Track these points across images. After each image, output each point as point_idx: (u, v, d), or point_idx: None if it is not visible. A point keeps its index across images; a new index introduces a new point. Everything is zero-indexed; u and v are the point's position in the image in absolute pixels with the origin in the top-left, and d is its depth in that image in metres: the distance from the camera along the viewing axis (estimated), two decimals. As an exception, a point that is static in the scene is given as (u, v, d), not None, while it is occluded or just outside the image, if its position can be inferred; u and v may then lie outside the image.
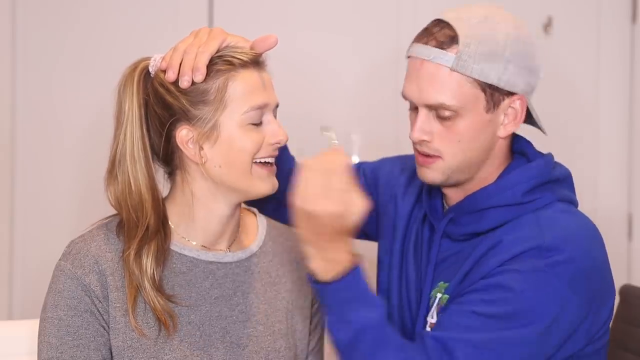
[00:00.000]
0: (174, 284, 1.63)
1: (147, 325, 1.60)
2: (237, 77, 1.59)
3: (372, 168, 2.00)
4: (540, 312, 1.57)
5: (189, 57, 1.58)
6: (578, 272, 1.59)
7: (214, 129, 1.59)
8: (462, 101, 1.64)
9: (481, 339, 1.56)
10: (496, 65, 1.63)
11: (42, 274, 1.75)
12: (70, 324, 1.58)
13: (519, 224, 1.65)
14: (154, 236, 1.60)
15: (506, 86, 1.65)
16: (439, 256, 1.75)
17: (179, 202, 1.66)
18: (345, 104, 2.80)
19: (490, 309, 1.57)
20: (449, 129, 1.66)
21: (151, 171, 1.62)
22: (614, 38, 2.90)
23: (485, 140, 1.68)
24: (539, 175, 1.69)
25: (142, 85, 1.62)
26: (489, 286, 1.59)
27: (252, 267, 1.71)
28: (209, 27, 1.66)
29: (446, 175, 1.69)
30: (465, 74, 1.63)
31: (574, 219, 1.69)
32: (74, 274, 1.59)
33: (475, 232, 1.70)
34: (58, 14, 2.84)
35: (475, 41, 1.63)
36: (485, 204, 1.69)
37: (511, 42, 1.64)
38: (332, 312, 1.57)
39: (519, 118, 1.69)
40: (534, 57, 1.68)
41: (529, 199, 1.68)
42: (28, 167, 2.85)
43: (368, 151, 2.69)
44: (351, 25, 2.82)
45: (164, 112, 1.61)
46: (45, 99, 2.85)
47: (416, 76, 1.67)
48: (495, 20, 1.65)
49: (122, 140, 1.61)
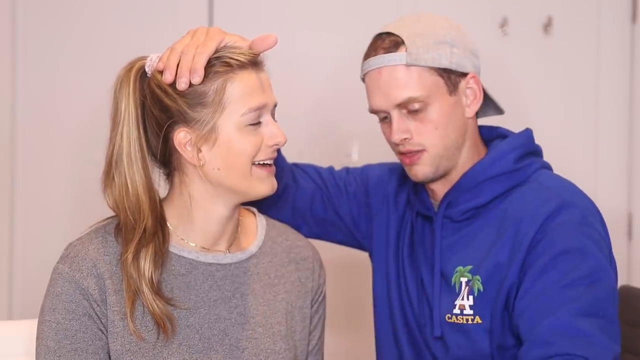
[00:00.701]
0: (172, 286, 1.63)
1: (145, 329, 1.59)
2: (235, 79, 1.58)
3: (360, 172, 2.06)
4: (599, 260, 1.67)
5: (187, 59, 1.57)
6: (600, 217, 1.75)
7: (212, 132, 1.58)
8: (426, 90, 1.76)
9: (585, 300, 1.63)
10: (443, 51, 1.76)
11: (42, 274, 1.75)
12: (68, 327, 1.58)
13: (526, 193, 1.77)
14: (151, 238, 1.59)
15: (458, 67, 1.78)
16: (443, 242, 1.80)
17: (177, 204, 1.66)
18: (345, 105, 2.79)
19: (568, 277, 1.64)
20: (423, 121, 1.77)
21: (148, 172, 1.61)
22: (614, 38, 2.89)
23: (458, 122, 1.80)
24: (526, 143, 1.83)
25: (138, 85, 1.61)
26: (550, 261, 1.66)
27: (251, 269, 1.70)
28: (208, 26, 1.67)
29: (434, 166, 1.79)
30: (420, 64, 1.76)
31: (564, 178, 1.82)
32: (72, 277, 1.58)
33: (476, 207, 1.79)
34: (58, 14, 2.84)
35: (418, 37, 1.77)
36: (481, 177, 1.79)
37: (448, 30, 1.78)
38: None
39: (479, 96, 1.81)
40: (469, 39, 1.82)
41: (520, 165, 1.80)
42: (28, 167, 2.85)
43: (368, 152, 2.70)
44: (351, 25, 2.82)
45: (161, 114, 1.60)
46: (46, 99, 2.84)
47: (377, 85, 1.79)
48: (426, 18, 1.81)
49: (119, 141, 1.59)
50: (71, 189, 2.84)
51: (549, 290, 1.65)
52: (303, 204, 2.00)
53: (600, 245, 1.69)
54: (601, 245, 1.70)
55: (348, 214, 2.01)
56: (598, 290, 1.64)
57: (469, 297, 1.75)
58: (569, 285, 1.64)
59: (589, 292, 1.63)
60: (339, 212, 2.01)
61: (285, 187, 1.95)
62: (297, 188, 1.99)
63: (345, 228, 2.02)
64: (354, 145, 2.79)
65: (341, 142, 2.81)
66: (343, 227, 2.02)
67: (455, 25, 1.81)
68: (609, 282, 1.67)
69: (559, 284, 1.64)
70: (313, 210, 2.00)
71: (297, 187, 2.00)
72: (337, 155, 2.75)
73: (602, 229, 1.73)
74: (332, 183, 2.02)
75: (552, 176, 1.81)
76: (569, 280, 1.64)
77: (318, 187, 2.01)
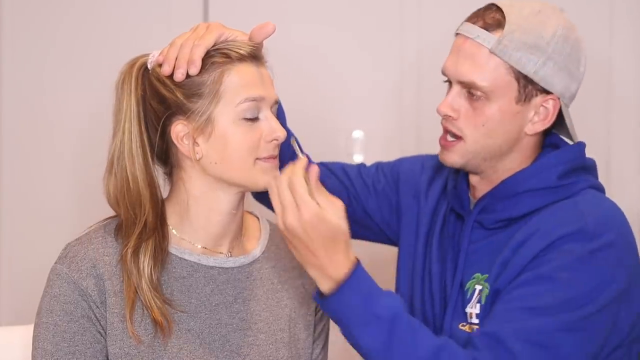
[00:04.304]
0: (173, 289, 1.62)
1: (145, 332, 1.58)
2: (232, 70, 1.59)
3: (391, 167, 2.03)
4: (588, 297, 1.60)
5: (185, 51, 1.59)
6: (620, 257, 1.65)
7: (208, 123, 1.58)
8: (494, 85, 1.69)
9: (534, 327, 1.58)
10: (535, 58, 1.67)
11: (30, 279, 1.72)
12: (66, 329, 1.56)
13: (557, 209, 1.70)
14: (151, 234, 1.59)
15: (541, 82, 1.69)
16: (470, 247, 1.77)
17: (177, 202, 1.65)
18: (348, 101, 2.78)
19: (539, 301, 1.60)
20: (476, 111, 1.71)
21: (149, 168, 1.62)
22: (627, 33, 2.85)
23: (511, 132, 1.72)
24: (574, 159, 1.74)
25: (140, 81, 1.62)
26: (535, 278, 1.62)
27: (254, 273, 1.69)
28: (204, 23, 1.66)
29: (465, 159, 1.74)
30: (503, 58, 1.68)
31: (610, 204, 1.73)
32: (71, 277, 1.57)
33: (511, 218, 1.74)
34: (46, 10, 2.80)
35: (521, 29, 1.68)
36: (520, 187, 1.73)
37: (557, 40, 1.68)
38: (352, 320, 1.58)
39: (549, 119, 1.73)
40: (578, 62, 1.72)
41: (564, 182, 1.72)
42: (15, 168, 2.82)
43: (371, 150, 2.70)
44: (352, 20, 2.80)
45: (159, 106, 1.60)
46: (33, 99, 2.81)
47: (456, 52, 1.73)
48: (547, 15, 1.70)
49: (120, 137, 1.60)
50: (60, 191, 2.81)
51: (509, 304, 1.62)
52: None
53: (620, 288, 1.63)
54: (621, 288, 1.63)
55: (377, 213, 2.00)
56: (559, 323, 1.58)
57: (476, 305, 1.73)
58: (528, 308, 1.60)
59: (542, 320, 1.59)
60: (368, 212, 2.00)
61: None
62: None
63: (376, 227, 2.01)
64: (357, 144, 2.76)
65: (344, 138, 2.78)
66: (373, 226, 2.01)
67: (574, 37, 1.71)
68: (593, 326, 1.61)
69: (518, 304, 1.61)
70: None
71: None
72: (339, 153, 2.72)
73: (636, 270, 1.67)
74: (359, 182, 2.01)
75: (593, 198, 1.72)
76: (532, 304, 1.60)
77: (345, 188, 2.00)
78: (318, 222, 1.51)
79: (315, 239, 1.52)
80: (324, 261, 1.54)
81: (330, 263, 1.54)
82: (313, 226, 1.51)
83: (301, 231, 1.52)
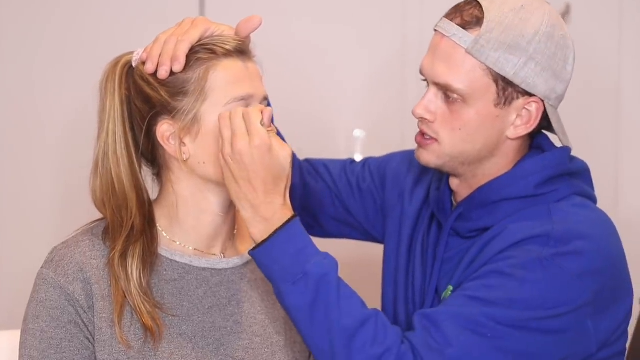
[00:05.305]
0: (164, 292, 1.60)
1: (134, 337, 1.56)
2: (218, 66, 1.57)
3: (379, 164, 1.98)
4: (540, 302, 1.55)
5: (168, 47, 1.57)
6: (586, 267, 1.57)
7: (194, 122, 1.57)
8: (470, 87, 1.61)
9: (474, 314, 1.54)
10: (515, 59, 1.59)
11: (17, 283, 1.70)
12: (53, 336, 1.55)
13: (529, 214, 1.63)
14: (139, 236, 1.58)
15: (522, 84, 1.61)
16: (445, 255, 1.72)
17: (167, 204, 1.64)
18: (348, 100, 2.79)
19: (488, 294, 1.55)
20: (453, 114, 1.63)
21: (135, 170, 1.60)
22: (636, 38, 2.85)
23: (490, 137, 1.65)
24: (554, 165, 1.66)
25: (124, 80, 1.61)
26: (491, 272, 1.58)
27: (248, 275, 1.67)
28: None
29: (442, 161, 1.67)
30: (480, 59, 1.60)
31: (590, 214, 1.66)
32: (57, 282, 1.56)
33: (486, 227, 1.67)
34: (36, 7, 2.79)
35: (500, 28, 1.59)
36: (496, 196, 1.67)
37: (540, 39, 1.60)
38: (281, 275, 1.54)
39: (532, 123, 1.65)
40: (565, 62, 1.64)
41: (543, 191, 1.65)
42: (6, 170, 2.81)
43: (372, 148, 2.67)
44: (353, 16, 2.80)
45: (144, 105, 1.59)
46: (24, 98, 2.80)
47: (433, 51, 1.65)
48: (530, 11, 1.61)
49: (105, 138, 1.59)
50: (51, 192, 2.81)
51: (459, 292, 1.59)
52: (313, 203, 1.96)
53: (586, 301, 1.56)
54: (587, 302, 1.56)
55: (361, 213, 1.96)
56: (505, 317, 1.53)
57: None
58: (475, 297, 1.56)
59: (485, 310, 1.54)
60: (351, 212, 1.96)
61: (293, 187, 1.87)
62: (305, 188, 1.96)
63: (360, 226, 1.97)
64: (357, 142, 2.77)
65: (341, 137, 2.79)
66: (357, 225, 1.97)
67: (560, 35, 1.62)
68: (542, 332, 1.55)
69: (467, 293, 1.57)
70: (323, 210, 1.96)
71: (305, 187, 1.96)
72: (340, 153, 2.72)
73: (612, 284, 1.61)
74: (343, 181, 1.97)
75: (571, 207, 1.65)
76: (480, 295, 1.56)
77: (327, 186, 1.97)
78: (266, 151, 1.49)
79: (259, 170, 1.49)
80: (260, 198, 1.50)
81: (265, 202, 1.51)
82: (261, 155, 1.49)
83: (249, 158, 1.49)
